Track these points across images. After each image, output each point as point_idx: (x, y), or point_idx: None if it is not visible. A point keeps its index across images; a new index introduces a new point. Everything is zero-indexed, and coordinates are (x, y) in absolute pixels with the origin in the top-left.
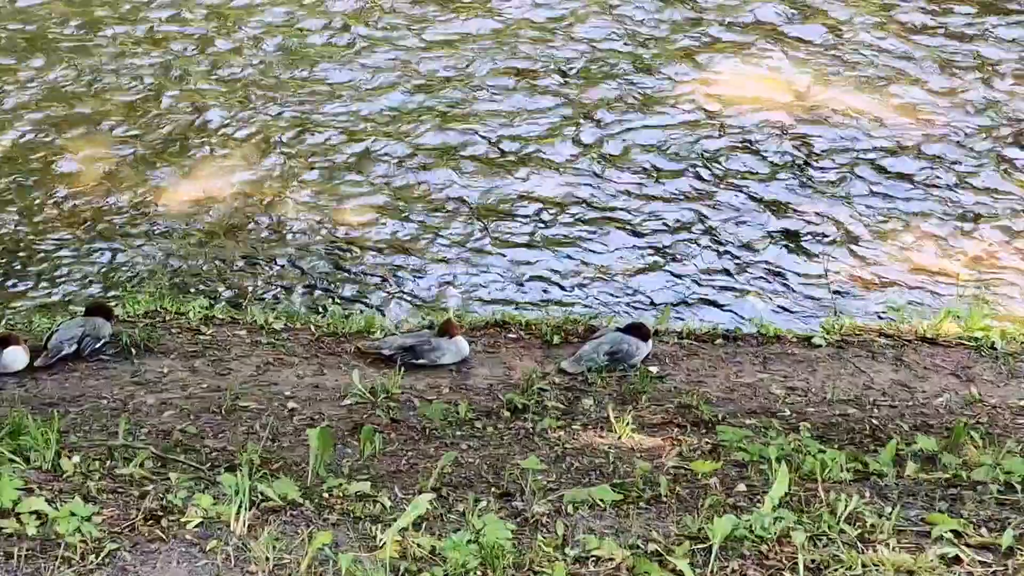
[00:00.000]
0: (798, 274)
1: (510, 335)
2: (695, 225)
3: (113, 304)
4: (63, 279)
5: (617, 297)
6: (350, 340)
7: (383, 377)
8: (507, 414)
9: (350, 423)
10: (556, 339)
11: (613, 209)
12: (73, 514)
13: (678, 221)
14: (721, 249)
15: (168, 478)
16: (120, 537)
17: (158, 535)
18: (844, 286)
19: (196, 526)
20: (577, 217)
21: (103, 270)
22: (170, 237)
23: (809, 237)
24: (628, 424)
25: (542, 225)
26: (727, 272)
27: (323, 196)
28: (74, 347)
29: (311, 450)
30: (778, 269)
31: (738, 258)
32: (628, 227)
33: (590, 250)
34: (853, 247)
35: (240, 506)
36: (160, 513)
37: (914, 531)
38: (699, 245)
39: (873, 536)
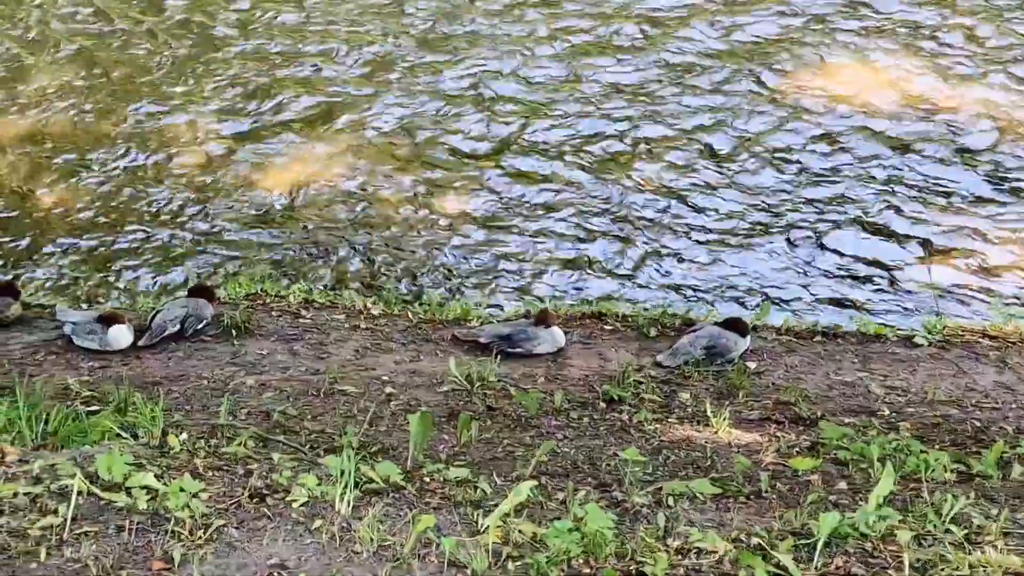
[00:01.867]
0: (899, 271)
1: (606, 326)
2: (796, 219)
3: (215, 286)
4: (167, 261)
5: (715, 291)
6: (447, 327)
7: (479, 365)
8: (603, 405)
9: (446, 410)
10: (653, 332)
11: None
12: (182, 490)
13: (777, 215)
14: (821, 243)
15: (271, 458)
16: (227, 514)
17: (264, 513)
18: (948, 286)
19: (301, 505)
20: (671, 208)
21: (203, 252)
22: (271, 221)
23: (911, 235)
24: (725, 419)
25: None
26: (827, 273)
27: (425, 182)
28: (177, 327)
29: (411, 434)
30: (879, 265)
31: (840, 253)
32: (724, 220)
33: (689, 242)
34: (958, 246)
35: (345, 487)
36: (265, 492)
37: (1022, 534)
38: (800, 239)
39: (980, 537)
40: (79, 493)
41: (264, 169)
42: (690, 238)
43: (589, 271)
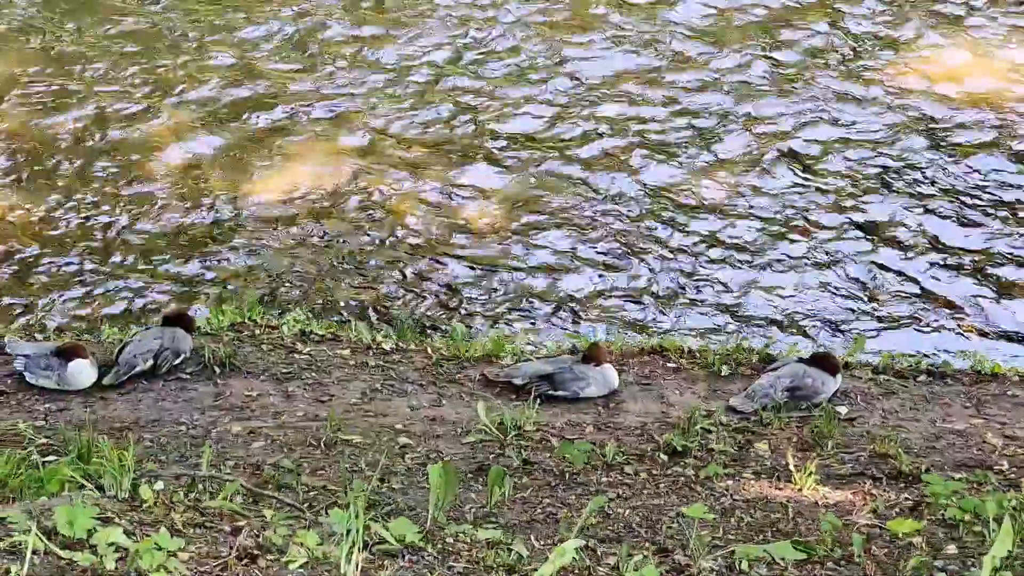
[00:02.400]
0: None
1: (669, 364)
2: (898, 240)
3: (194, 314)
4: (138, 283)
5: (799, 321)
6: (474, 365)
7: (514, 411)
8: (664, 458)
9: (474, 464)
10: (725, 370)
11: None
12: (158, 547)
13: (872, 233)
14: (927, 266)
15: (262, 515)
16: None
17: (255, 575)
18: None
19: (300, 567)
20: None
21: (184, 274)
22: (263, 238)
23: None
24: (811, 474)
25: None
26: (929, 298)
27: (446, 198)
28: (149, 363)
29: (431, 488)
30: (991, 295)
31: (949, 279)
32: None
33: (770, 265)
34: None
35: (352, 546)
36: (256, 552)
37: None
38: (900, 263)
39: None
40: (34, 552)
41: (251, 178)
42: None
43: (647, 297)
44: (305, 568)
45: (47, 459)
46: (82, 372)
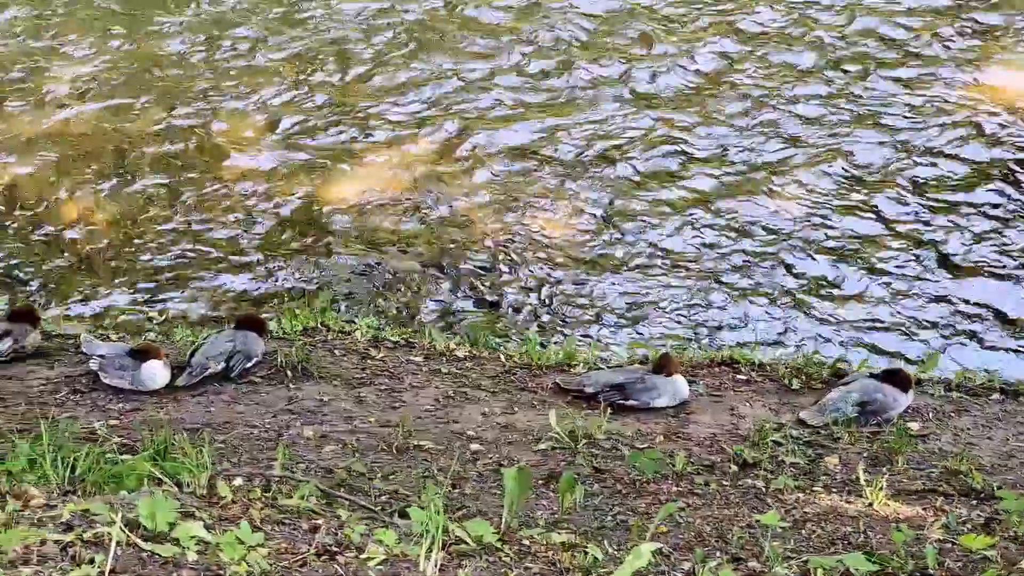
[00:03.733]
0: None
1: (739, 376)
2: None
3: (267, 317)
4: (211, 286)
5: (871, 337)
6: (547, 373)
7: (585, 419)
8: (734, 469)
9: (545, 471)
10: (795, 384)
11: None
12: (239, 541)
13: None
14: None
15: (337, 515)
16: (290, 571)
17: (335, 571)
18: None
19: (379, 564)
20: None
21: (257, 277)
22: (337, 244)
23: None
24: (881, 489)
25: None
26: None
27: (520, 207)
28: (221, 365)
29: (506, 492)
30: None
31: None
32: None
33: (839, 280)
34: None
35: (432, 543)
36: (335, 549)
37: None
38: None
39: None
40: (117, 543)
41: (326, 182)
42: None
43: (717, 308)
44: (384, 565)
45: (122, 456)
46: (156, 373)
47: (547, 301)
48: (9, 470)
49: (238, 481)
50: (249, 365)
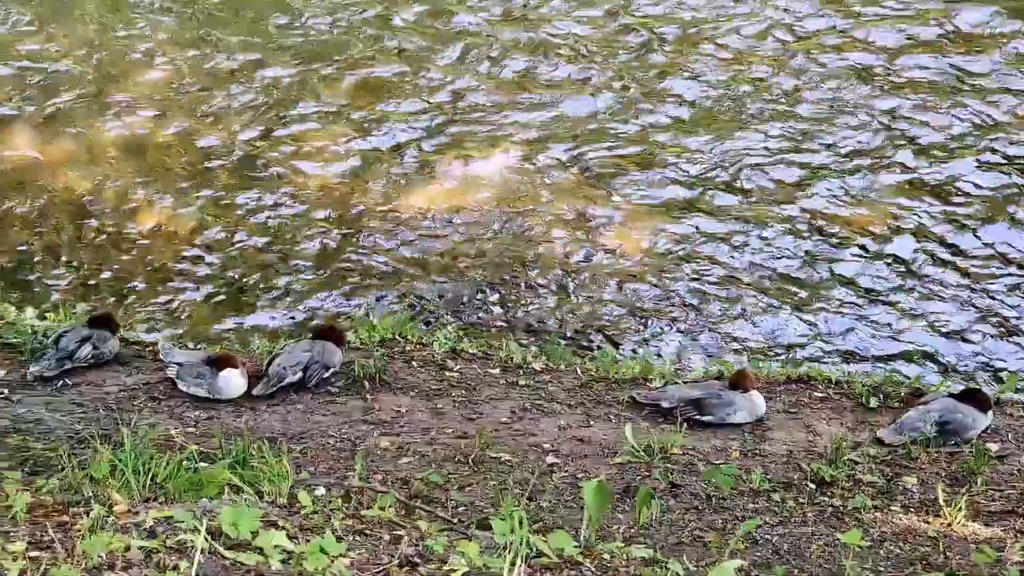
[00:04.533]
0: None
1: (816, 393)
2: None
3: (345, 328)
4: (289, 297)
5: (951, 357)
6: (623, 387)
7: (662, 434)
8: (811, 487)
9: (621, 485)
10: (873, 402)
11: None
12: (322, 551)
13: None
14: None
15: (417, 526)
16: None
17: None
18: None
19: None
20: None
21: (334, 288)
22: (417, 252)
23: None
24: (960, 510)
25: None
26: None
27: (595, 221)
28: (298, 375)
29: (586, 506)
30: None
31: None
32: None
33: (921, 298)
34: None
35: (515, 556)
36: (417, 560)
37: None
38: None
39: None
40: (201, 551)
41: (405, 192)
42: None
43: (795, 325)
44: None
45: (196, 465)
46: (232, 382)
47: (622, 316)
48: (92, 475)
49: (320, 491)
50: (326, 375)
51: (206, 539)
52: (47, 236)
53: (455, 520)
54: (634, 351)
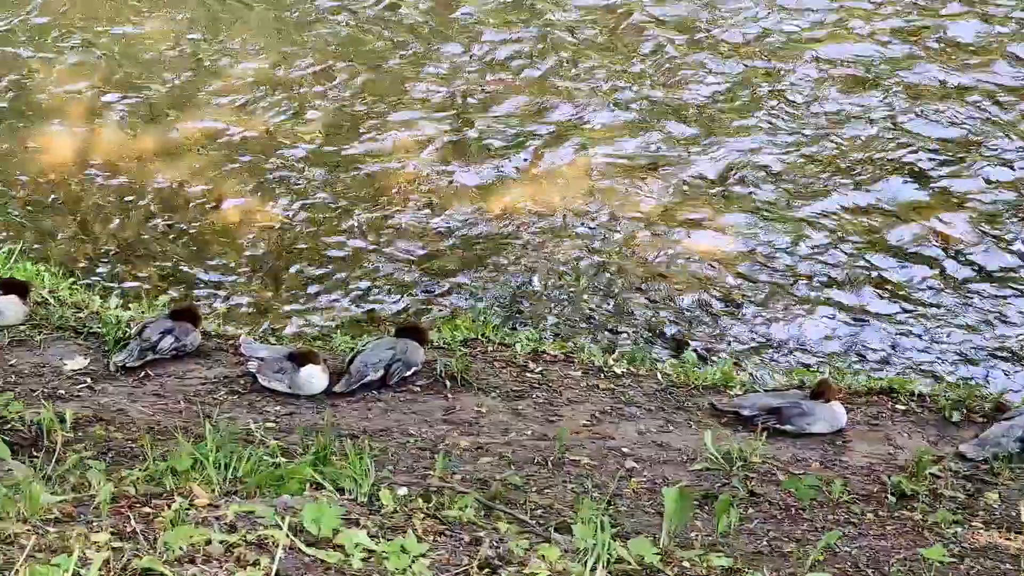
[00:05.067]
0: None
1: (898, 406)
2: None
3: (428, 326)
4: (370, 294)
5: None
6: (703, 394)
7: (741, 442)
8: (891, 500)
9: (700, 491)
10: (956, 416)
11: None
12: (404, 550)
13: None
14: None
15: (496, 528)
16: None
17: None
18: None
19: None
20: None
21: (417, 286)
22: (498, 256)
23: None
24: None
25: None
26: None
27: (681, 227)
28: (380, 373)
29: (666, 513)
30: None
31: None
32: None
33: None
34: None
35: (596, 561)
36: (498, 562)
37: None
38: None
39: None
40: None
41: (489, 192)
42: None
43: (878, 336)
44: None
45: (275, 460)
46: (314, 378)
47: (703, 321)
48: (174, 468)
49: (402, 491)
50: (408, 374)
51: (287, 535)
52: (133, 227)
53: (534, 522)
54: (715, 358)
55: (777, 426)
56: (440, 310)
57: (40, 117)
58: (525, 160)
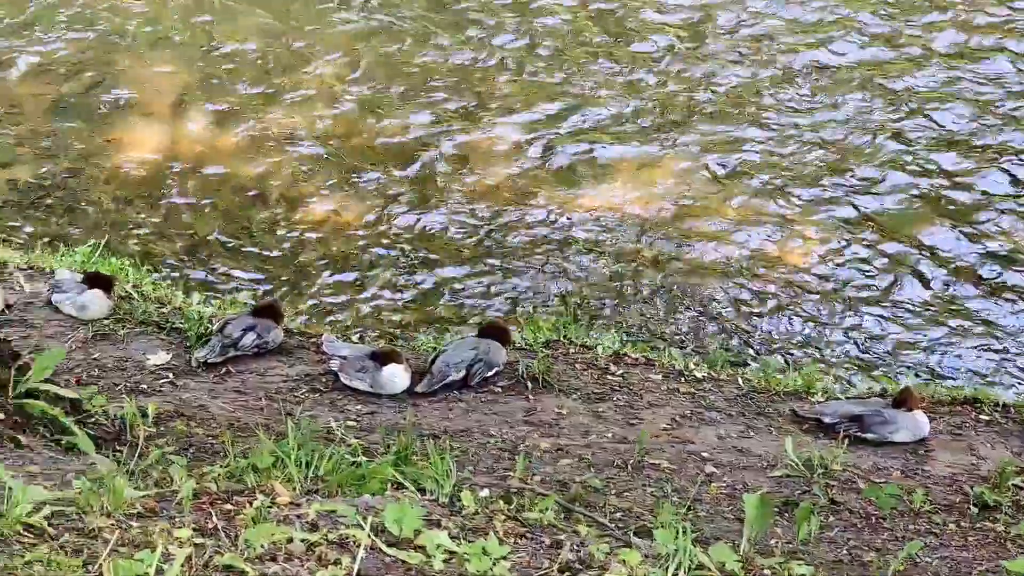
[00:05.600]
0: None
1: (982, 416)
2: None
3: (511, 327)
4: (457, 293)
5: None
6: (784, 400)
7: (822, 449)
8: (973, 511)
9: (779, 498)
10: None
11: None
12: (485, 553)
13: None
14: None
15: (576, 531)
16: None
17: None
18: None
19: None
20: None
21: (501, 288)
22: (583, 254)
23: None
24: None
25: None
26: None
27: (767, 230)
28: (462, 373)
29: (747, 519)
30: None
31: None
32: None
33: None
34: None
35: (678, 567)
36: (578, 566)
37: None
38: None
39: None
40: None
41: (575, 193)
42: None
43: (961, 345)
44: None
45: (357, 459)
46: (396, 377)
47: (786, 327)
48: (255, 465)
49: (484, 492)
50: (490, 374)
51: (368, 535)
52: (217, 223)
53: (613, 526)
54: (796, 364)
55: (859, 434)
56: (521, 309)
57: (126, 111)
58: (607, 159)
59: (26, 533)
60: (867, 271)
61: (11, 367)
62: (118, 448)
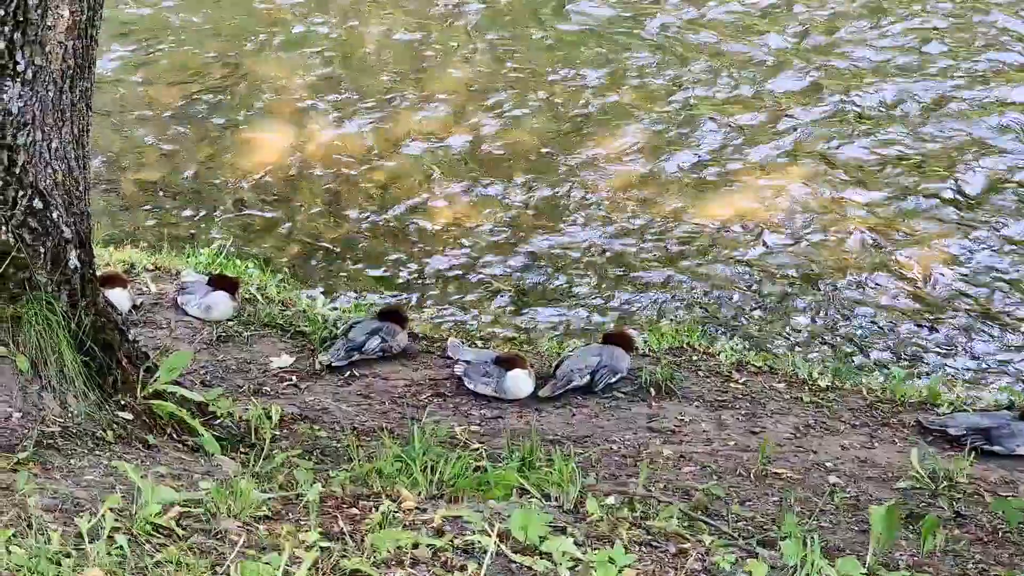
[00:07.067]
0: None
1: None
2: None
3: (635, 333)
4: (583, 300)
5: None
6: (909, 411)
7: (948, 461)
8: None
9: (904, 510)
10: None
11: None
12: (611, 561)
13: None
14: None
15: (700, 540)
16: None
17: None
18: None
19: None
20: None
21: (625, 294)
22: (707, 261)
23: None
24: None
25: None
26: None
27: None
28: (586, 379)
29: (872, 532)
30: None
31: None
32: None
33: None
34: None
35: None
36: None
37: None
38: None
39: None
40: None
41: (701, 200)
42: None
43: None
44: None
45: (479, 464)
46: (520, 382)
47: (912, 339)
48: (380, 469)
49: (610, 500)
50: (613, 380)
51: (495, 542)
52: (341, 227)
53: (736, 536)
54: (922, 375)
55: (985, 446)
56: (645, 317)
57: (256, 113)
58: (733, 168)
59: (155, 533)
60: (1003, 284)
61: (140, 368)
62: (243, 450)
